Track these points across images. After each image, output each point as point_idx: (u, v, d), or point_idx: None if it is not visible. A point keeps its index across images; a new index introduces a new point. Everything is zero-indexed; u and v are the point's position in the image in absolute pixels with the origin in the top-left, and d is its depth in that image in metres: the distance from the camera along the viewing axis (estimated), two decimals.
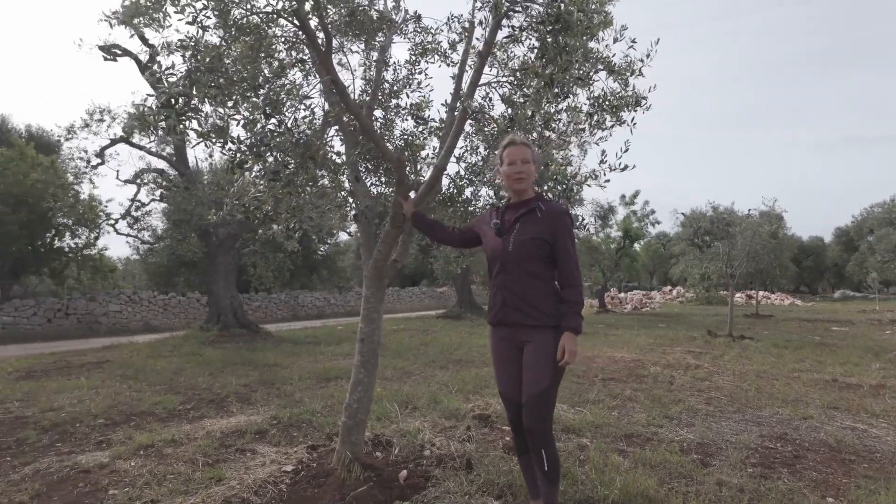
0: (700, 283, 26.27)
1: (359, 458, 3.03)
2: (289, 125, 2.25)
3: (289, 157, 2.22)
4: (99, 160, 11.91)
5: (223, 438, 3.98)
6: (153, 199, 12.56)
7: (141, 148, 11.81)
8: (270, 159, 2.16)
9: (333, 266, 22.75)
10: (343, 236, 20.09)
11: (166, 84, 1.91)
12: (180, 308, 17.33)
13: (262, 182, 2.23)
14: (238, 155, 2.11)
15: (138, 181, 12.17)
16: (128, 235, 13.02)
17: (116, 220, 12.58)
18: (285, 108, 2.24)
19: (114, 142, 11.63)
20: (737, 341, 10.51)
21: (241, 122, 2.11)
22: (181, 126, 1.90)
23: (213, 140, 2.07)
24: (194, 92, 1.90)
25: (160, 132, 1.98)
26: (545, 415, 2.40)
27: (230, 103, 2.04)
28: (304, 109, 2.53)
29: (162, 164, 12.50)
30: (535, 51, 2.29)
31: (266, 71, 2.27)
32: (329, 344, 10.49)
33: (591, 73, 2.36)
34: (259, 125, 2.10)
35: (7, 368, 7.51)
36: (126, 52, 10.21)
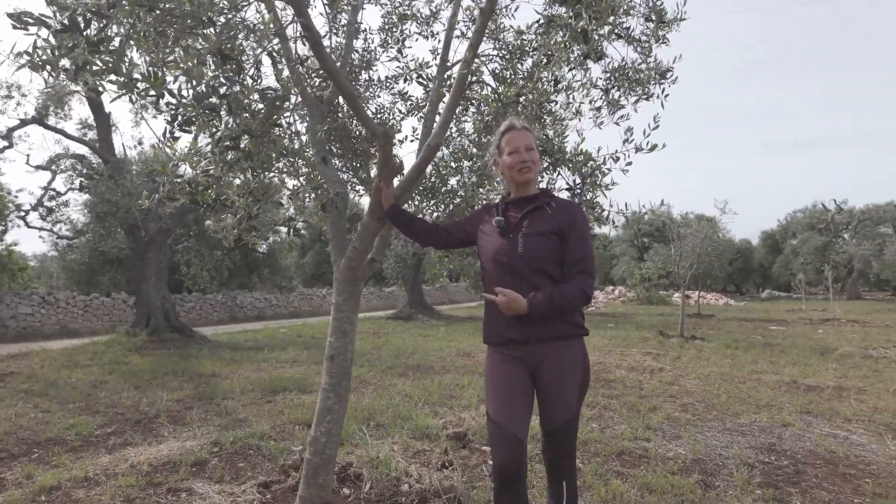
0: (641, 283, 27.00)
1: (327, 502, 2.48)
2: (250, 74, 1.68)
3: (248, 117, 1.63)
4: (6, 143, 10.50)
5: (151, 474, 3.28)
6: (71, 189, 11.22)
7: (57, 130, 10.49)
8: (226, 118, 1.57)
9: (275, 264, 21.48)
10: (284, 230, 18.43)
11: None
12: (104, 310, 15.75)
13: (215, 150, 1.63)
14: (180, 112, 1.51)
15: (53, 168, 10.83)
16: (41, 229, 11.58)
17: (27, 212, 11.14)
18: (244, 53, 1.67)
19: (24, 122, 10.26)
20: (689, 342, 10.59)
21: (184, 68, 1.50)
22: (92, 65, 1.29)
23: (143, 93, 1.47)
24: (113, 15, 1.30)
25: (60, 76, 1.34)
26: (574, 442, 2.08)
27: (169, 43, 1.44)
28: (274, 54, 1.94)
29: (83, 150, 11.20)
30: None
31: (221, 2, 1.66)
32: (273, 349, 9.67)
33: (632, 28, 1.93)
34: (209, 74, 1.51)
35: None
36: (40, 21, 8.99)
